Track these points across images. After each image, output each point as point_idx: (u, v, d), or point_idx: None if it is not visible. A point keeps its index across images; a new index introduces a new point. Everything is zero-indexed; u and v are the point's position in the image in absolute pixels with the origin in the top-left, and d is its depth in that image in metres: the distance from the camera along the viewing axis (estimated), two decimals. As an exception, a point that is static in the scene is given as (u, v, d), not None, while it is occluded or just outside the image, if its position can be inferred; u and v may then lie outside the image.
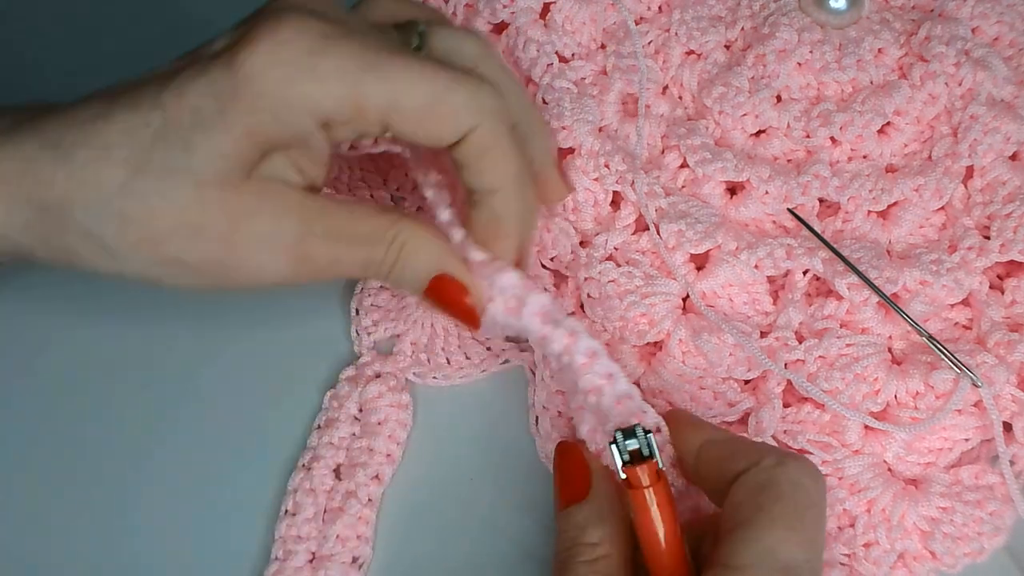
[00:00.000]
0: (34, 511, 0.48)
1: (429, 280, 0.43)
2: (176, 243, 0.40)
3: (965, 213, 0.50)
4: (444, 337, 0.51)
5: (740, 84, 0.53)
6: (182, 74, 0.39)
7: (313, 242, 0.41)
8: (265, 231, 0.41)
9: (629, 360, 0.47)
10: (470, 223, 0.44)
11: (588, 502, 0.40)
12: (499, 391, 0.50)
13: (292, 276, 0.42)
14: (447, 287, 0.43)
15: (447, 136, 0.41)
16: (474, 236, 0.44)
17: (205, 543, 0.47)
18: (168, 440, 0.49)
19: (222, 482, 0.48)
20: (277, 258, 0.41)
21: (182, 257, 0.40)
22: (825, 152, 0.52)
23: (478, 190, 0.43)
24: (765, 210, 0.51)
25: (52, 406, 0.50)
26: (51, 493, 0.48)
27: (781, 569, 0.35)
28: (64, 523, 0.47)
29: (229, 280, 0.42)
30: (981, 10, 0.54)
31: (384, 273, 0.43)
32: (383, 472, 0.48)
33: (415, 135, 0.41)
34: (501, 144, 0.42)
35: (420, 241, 0.43)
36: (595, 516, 0.39)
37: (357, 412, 0.49)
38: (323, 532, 0.46)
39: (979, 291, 0.48)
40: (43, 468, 0.49)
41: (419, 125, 0.41)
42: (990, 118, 0.50)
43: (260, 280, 0.42)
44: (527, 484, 0.48)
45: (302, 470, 0.48)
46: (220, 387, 0.50)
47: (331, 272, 0.43)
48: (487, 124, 0.41)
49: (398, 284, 0.44)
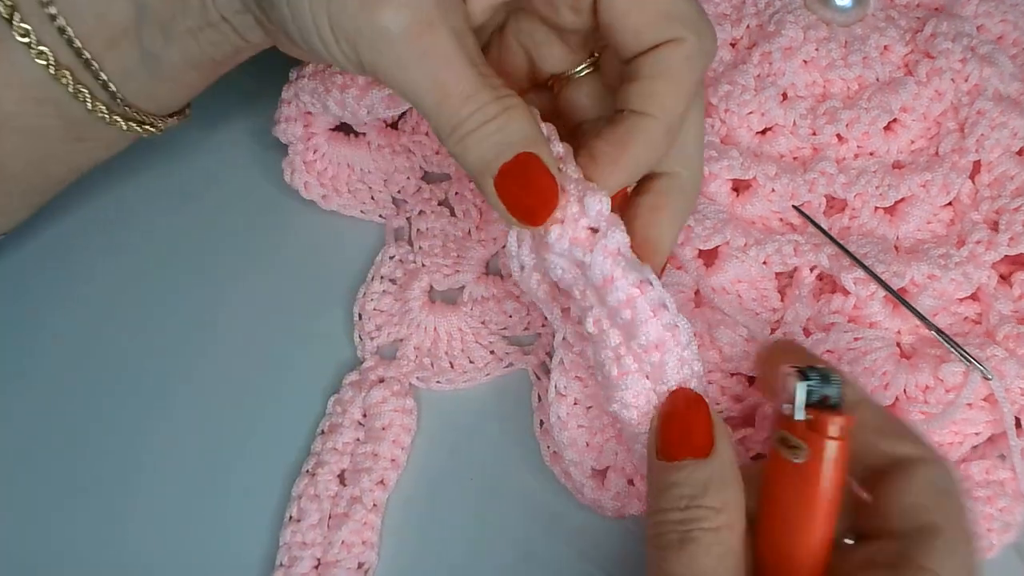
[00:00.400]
0: (40, 518, 0.47)
1: (514, 154, 0.38)
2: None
3: (973, 208, 0.50)
4: (447, 341, 0.51)
5: (746, 82, 0.53)
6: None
7: (444, 21, 0.37)
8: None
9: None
10: (595, 137, 0.41)
11: (712, 460, 0.36)
12: (503, 395, 0.50)
13: (403, 36, 0.37)
14: (531, 165, 0.38)
15: (648, 38, 0.39)
16: (590, 149, 0.40)
17: (210, 549, 0.46)
18: (172, 445, 0.49)
19: (226, 488, 0.48)
20: (408, 6, 0.37)
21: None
22: (831, 149, 0.52)
23: (631, 108, 0.40)
24: (771, 207, 0.51)
25: (51, 407, 0.50)
26: (53, 500, 0.48)
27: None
28: (67, 530, 0.47)
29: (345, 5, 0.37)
30: (985, 8, 0.54)
31: (476, 123, 0.38)
32: (388, 477, 0.47)
33: (623, 18, 0.39)
34: (689, 70, 0.40)
35: (525, 110, 0.39)
36: (718, 478, 0.36)
37: (361, 417, 0.49)
38: (328, 538, 0.46)
39: (988, 285, 0.48)
40: (45, 474, 0.48)
41: (635, 5, 0.39)
42: (997, 113, 0.50)
43: (368, 17, 0.37)
44: (532, 488, 0.47)
45: (306, 476, 0.47)
46: (223, 392, 0.50)
47: (432, 69, 0.38)
48: (689, 42, 0.39)
49: (479, 147, 0.38)
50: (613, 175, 0.40)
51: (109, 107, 0.44)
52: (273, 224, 0.55)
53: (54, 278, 0.53)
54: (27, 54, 0.41)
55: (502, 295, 0.51)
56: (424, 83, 0.38)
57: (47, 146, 0.45)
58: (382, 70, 0.38)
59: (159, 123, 0.47)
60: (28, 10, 0.41)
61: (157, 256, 0.54)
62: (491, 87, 0.38)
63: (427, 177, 0.56)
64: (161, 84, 0.45)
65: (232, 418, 0.49)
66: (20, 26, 0.41)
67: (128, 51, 0.43)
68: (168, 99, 0.46)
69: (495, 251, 0.53)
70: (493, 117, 0.38)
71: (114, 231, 0.54)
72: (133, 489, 0.48)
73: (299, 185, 0.54)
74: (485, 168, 0.38)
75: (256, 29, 0.42)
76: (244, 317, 0.52)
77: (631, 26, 0.39)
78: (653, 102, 0.40)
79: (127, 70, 0.43)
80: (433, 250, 0.53)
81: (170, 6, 0.42)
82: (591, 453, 0.46)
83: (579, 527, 0.46)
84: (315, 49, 0.39)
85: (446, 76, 0.37)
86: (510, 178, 0.38)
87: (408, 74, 0.38)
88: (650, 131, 0.40)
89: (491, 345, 0.51)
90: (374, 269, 0.53)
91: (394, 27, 0.37)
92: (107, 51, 0.42)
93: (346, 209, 0.55)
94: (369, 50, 0.38)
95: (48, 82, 0.42)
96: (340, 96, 0.47)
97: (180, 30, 0.42)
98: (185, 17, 0.42)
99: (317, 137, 0.54)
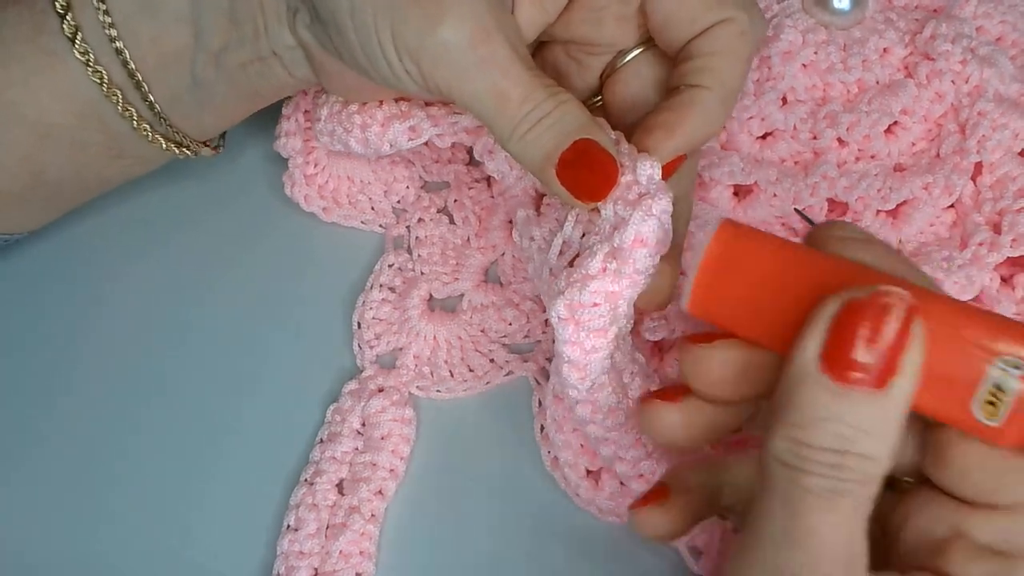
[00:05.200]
0: (35, 524, 0.47)
1: (572, 143, 0.39)
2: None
3: (975, 209, 0.49)
4: (447, 350, 0.51)
5: (745, 87, 0.52)
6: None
7: (500, 31, 0.39)
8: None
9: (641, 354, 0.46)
10: (650, 113, 0.42)
11: (887, 398, 0.30)
12: (502, 404, 0.50)
13: (464, 47, 0.38)
14: (590, 148, 0.39)
15: (703, 20, 0.41)
16: (645, 123, 0.41)
17: (207, 558, 0.46)
18: (169, 453, 0.48)
19: (224, 496, 0.47)
20: (467, 17, 0.38)
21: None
22: (832, 153, 0.51)
23: (686, 83, 0.42)
24: (773, 212, 0.50)
25: (51, 413, 0.50)
26: (47, 506, 0.47)
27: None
28: (62, 536, 0.47)
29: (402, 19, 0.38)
30: (984, 10, 0.54)
31: (533, 120, 0.39)
32: (386, 487, 0.47)
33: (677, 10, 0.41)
34: (743, 46, 0.41)
35: (577, 103, 0.40)
36: (893, 423, 0.30)
37: (360, 426, 0.48)
38: (326, 548, 0.45)
39: (990, 287, 0.48)
40: (42, 481, 0.48)
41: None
42: (998, 114, 0.50)
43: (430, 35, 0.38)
44: (532, 497, 0.47)
45: (304, 485, 0.47)
46: (222, 399, 0.50)
47: (491, 77, 0.39)
48: (741, 19, 0.41)
49: (537, 142, 0.39)
50: (668, 141, 0.41)
51: (153, 127, 0.45)
52: (272, 233, 0.55)
53: (55, 287, 0.53)
54: (83, 71, 0.43)
55: (501, 303, 0.51)
56: (485, 90, 0.39)
57: (86, 158, 0.46)
58: (444, 82, 0.39)
59: (197, 147, 0.48)
60: (89, 29, 0.42)
61: (156, 266, 0.54)
62: (545, 86, 0.39)
63: (427, 186, 0.56)
64: (205, 110, 0.46)
65: (231, 426, 0.49)
66: (81, 45, 0.42)
67: (179, 76, 0.44)
68: (210, 126, 0.48)
69: (494, 259, 0.53)
70: (549, 112, 0.39)
71: (115, 242, 0.54)
72: (130, 496, 0.47)
73: (299, 198, 0.54)
74: (546, 159, 0.39)
75: (304, 65, 0.44)
76: (243, 326, 0.52)
77: (686, 16, 0.41)
78: (710, 75, 0.41)
79: (175, 94, 0.45)
80: (432, 258, 0.53)
81: (225, 36, 0.43)
82: (585, 455, 0.45)
83: (580, 533, 0.46)
84: (380, 70, 0.40)
85: (505, 82, 0.39)
86: (571, 164, 0.39)
87: (469, 84, 0.39)
88: (706, 101, 0.41)
89: (491, 353, 0.51)
90: (373, 278, 0.52)
91: (455, 39, 0.38)
92: (158, 74, 0.44)
93: (347, 220, 0.55)
94: (432, 64, 0.39)
95: (98, 99, 0.43)
96: (362, 135, 0.47)
97: (232, 62, 0.44)
98: (239, 49, 0.43)
99: (317, 151, 0.54)
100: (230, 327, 0.52)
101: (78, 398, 0.50)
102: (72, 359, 0.51)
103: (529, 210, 0.45)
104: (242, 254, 0.54)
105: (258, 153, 0.56)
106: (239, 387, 0.50)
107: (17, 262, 0.53)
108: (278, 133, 0.53)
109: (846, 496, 0.30)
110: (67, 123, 0.44)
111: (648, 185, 0.39)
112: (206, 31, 0.43)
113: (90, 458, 0.49)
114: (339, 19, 0.39)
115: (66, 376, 0.51)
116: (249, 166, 0.56)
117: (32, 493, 0.48)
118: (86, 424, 0.49)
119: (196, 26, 0.43)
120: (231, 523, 0.47)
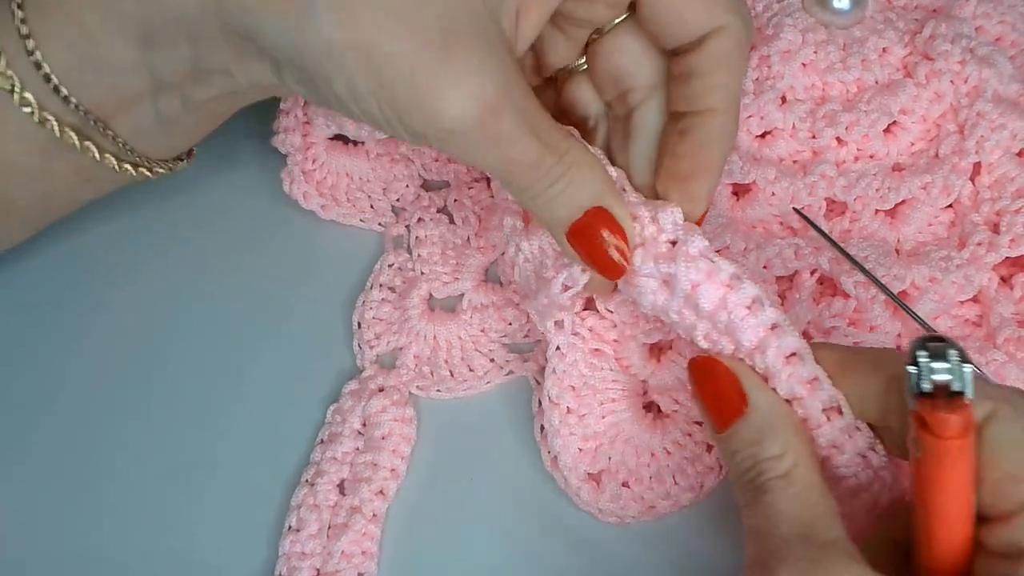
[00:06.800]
0: (37, 526, 0.47)
1: (583, 212, 0.39)
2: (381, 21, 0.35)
3: (974, 209, 0.50)
4: (447, 349, 0.51)
5: (744, 86, 0.52)
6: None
7: (507, 105, 0.37)
8: (473, 63, 0.36)
9: (638, 358, 0.47)
10: (671, 157, 0.42)
11: (750, 414, 0.37)
12: (503, 403, 0.50)
13: (471, 129, 0.37)
14: (602, 222, 0.39)
15: (694, 26, 0.40)
16: (669, 170, 0.41)
17: (209, 559, 0.46)
18: (170, 454, 0.48)
19: (225, 497, 0.47)
20: (469, 100, 0.36)
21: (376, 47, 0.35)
22: (831, 152, 0.51)
23: (694, 110, 0.41)
24: (771, 211, 0.50)
25: (53, 416, 0.50)
26: (49, 508, 0.47)
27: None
28: (64, 536, 0.47)
29: (406, 105, 0.36)
30: (984, 10, 0.54)
31: (543, 186, 0.39)
32: (387, 487, 0.47)
33: (667, 11, 0.40)
34: (741, 55, 0.40)
35: (590, 165, 0.39)
36: (767, 427, 0.37)
37: (360, 426, 0.48)
38: (328, 548, 0.45)
39: (988, 287, 0.48)
40: (43, 483, 0.48)
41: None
42: (996, 115, 0.50)
43: (437, 119, 0.36)
44: (533, 497, 0.47)
45: (306, 485, 0.47)
46: (222, 400, 0.50)
47: (500, 151, 0.38)
48: (735, 26, 0.40)
49: (549, 207, 0.39)
50: (702, 189, 0.41)
51: (119, 157, 0.43)
52: (272, 233, 0.55)
53: (57, 288, 0.53)
54: (31, 118, 0.41)
55: (501, 302, 0.51)
56: (494, 162, 0.38)
57: (55, 186, 0.44)
58: (454, 153, 0.39)
59: (171, 164, 0.46)
60: (30, 82, 0.40)
61: (156, 267, 0.54)
62: (554, 152, 0.38)
63: (426, 185, 0.56)
64: (175, 136, 0.45)
65: (231, 427, 0.49)
66: (20, 96, 0.40)
67: (142, 114, 0.42)
68: (180, 145, 0.46)
69: (494, 258, 0.53)
70: (558, 179, 0.39)
71: (115, 245, 0.54)
72: (132, 498, 0.47)
73: (298, 195, 0.54)
74: (558, 225, 0.40)
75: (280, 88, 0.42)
76: (243, 327, 0.52)
77: (675, 18, 0.40)
78: (717, 95, 0.41)
79: (140, 128, 0.43)
80: (432, 258, 0.52)
81: (191, 80, 0.41)
82: (584, 458, 0.46)
83: (581, 534, 0.46)
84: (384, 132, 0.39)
85: (512, 154, 0.38)
86: (581, 235, 0.39)
87: (480, 157, 0.38)
88: (722, 126, 0.41)
89: (491, 353, 0.51)
90: (373, 277, 0.52)
91: (461, 125, 0.36)
92: (119, 115, 0.42)
93: (345, 218, 0.55)
94: (441, 142, 0.38)
95: (54, 139, 0.41)
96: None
97: (200, 97, 0.42)
98: (207, 88, 0.41)
99: (316, 147, 0.54)
100: (229, 328, 0.52)
101: (79, 400, 0.50)
102: (73, 362, 0.51)
103: (517, 220, 0.45)
104: (241, 255, 0.54)
105: (256, 154, 0.56)
106: (239, 388, 0.50)
107: (20, 264, 0.53)
108: (276, 129, 0.53)
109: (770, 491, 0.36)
110: (29, 160, 0.42)
111: (675, 232, 0.39)
112: (166, 79, 0.41)
113: (88, 460, 0.48)
114: (341, 102, 0.38)
115: (68, 378, 0.51)
116: (247, 167, 0.56)
117: (37, 500, 0.48)
118: (87, 424, 0.49)
119: (153, 76, 0.41)
120: (233, 524, 0.47)
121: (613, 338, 0.47)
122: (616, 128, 0.45)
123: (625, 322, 0.46)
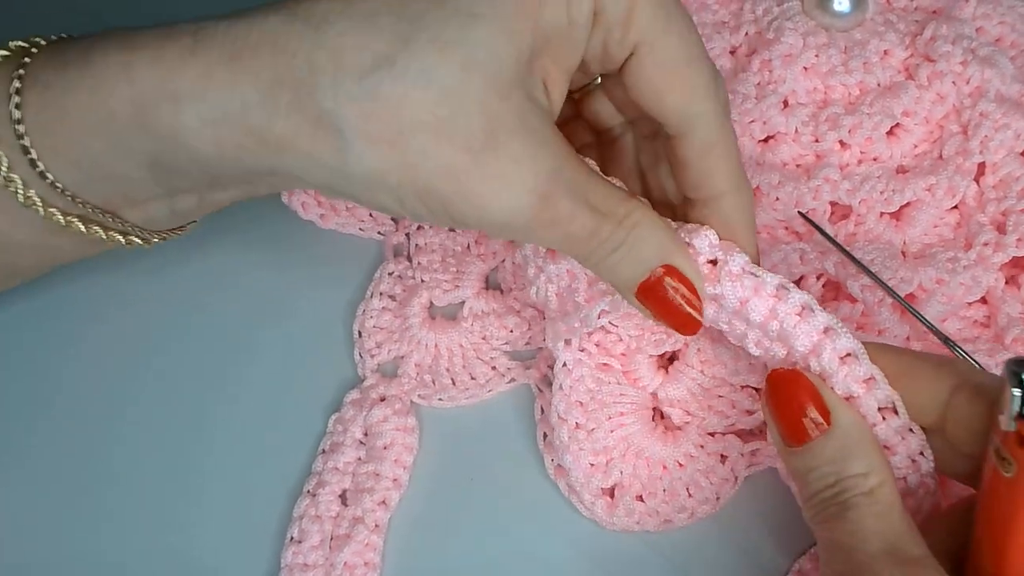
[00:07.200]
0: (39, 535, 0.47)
1: (649, 271, 0.39)
2: (419, 141, 0.34)
3: (979, 210, 0.49)
4: (448, 358, 0.50)
5: (747, 90, 0.52)
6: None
7: (559, 188, 0.36)
8: (519, 155, 0.35)
9: (646, 370, 0.46)
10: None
11: (836, 430, 0.37)
12: (505, 411, 0.49)
13: (527, 220, 0.36)
14: (674, 280, 0.39)
15: (683, 109, 0.39)
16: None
17: (211, 570, 0.45)
18: (170, 465, 0.48)
19: (227, 508, 0.47)
20: (521, 193, 0.36)
21: (419, 164, 0.35)
22: (835, 156, 0.51)
23: (703, 196, 0.41)
24: (776, 216, 0.50)
25: (51, 419, 0.50)
26: (51, 518, 0.47)
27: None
28: (65, 546, 0.46)
29: (457, 207, 0.36)
30: (984, 11, 0.54)
31: (604, 253, 0.38)
32: (390, 497, 0.46)
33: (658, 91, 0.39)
34: (727, 137, 0.40)
35: (651, 224, 0.38)
36: (852, 444, 0.37)
37: (362, 436, 0.48)
38: (330, 559, 0.45)
39: (995, 288, 0.47)
40: (43, 492, 0.48)
41: (668, 81, 0.38)
42: (1000, 115, 0.50)
43: (490, 215, 0.36)
44: (537, 505, 0.46)
45: (307, 496, 0.46)
46: (223, 410, 0.49)
47: (558, 231, 0.37)
48: (714, 110, 0.39)
49: (613, 272, 0.39)
50: (747, 248, 0.41)
51: (126, 234, 0.42)
52: (271, 243, 0.54)
53: (55, 298, 0.53)
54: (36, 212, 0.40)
55: (502, 310, 0.51)
56: (552, 241, 0.38)
57: (59, 255, 0.44)
58: (507, 239, 0.40)
59: (176, 233, 0.45)
60: (33, 182, 0.39)
61: (155, 275, 0.53)
62: (612, 218, 0.38)
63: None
64: (187, 218, 0.44)
65: (232, 438, 0.49)
66: (27, 196, 0.39)
67: (154, 209, 0.41)
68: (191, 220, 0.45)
69: (494, 265, 0.52)
70: (619, 245, 0.38)
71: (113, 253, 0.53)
72: (132, 508, 0.47)
73: (297, 206, 0.54)
74: (624, 288, 0.39)
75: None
76: (243, 336, 0.51)
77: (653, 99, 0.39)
78: (719, 179, 0.40)
79: (152, 219, 0.42)
80: (432, 265, 0.52)
81: (207, 187, 0.40)
82: (596, 473, 0.45)
83: (585, 541, 0.45)
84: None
85: (570, 230, 0.37)
86: (651, 295, 0.39)
87: (536, 239, 0.40)
88: (735, 203, 0.41)
89: (492, 360, 0.50)
90: (373, 286, 0.52)
91: (514, 219, 0.36)
92: (129, 209, 0.41)
93: (345, 227, 0.54)
94: (494, 232, 0.39)
95: (60, 225, 0.40)
96: None
97: (219, 199, 0.41)
98: (226, 193, 0.41)
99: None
100: (230, 337, 0.52)
101: (78, 409, 0.50)
102: (72, 371, 0.51)
103: None
104: (241, 265, 0.54)
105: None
106: (240, 398, 0.50)
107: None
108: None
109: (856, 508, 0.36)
110: (34, 239, 0.41)
111: (712, 252, 0.39)
112: (183, 188, 0.40)
113: (89, 469, 0.48)
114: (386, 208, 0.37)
115: (66, 387, 0.50)
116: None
117: (34, 510, 0.47)
118: (87, 434, 0.49)
119: (168, 187, 0.40)
120: (234, 535, 0.46)
121: (620, 351, 0.46)
122: (644, 147, 0.45)
123: (632, 335, 0.46)
